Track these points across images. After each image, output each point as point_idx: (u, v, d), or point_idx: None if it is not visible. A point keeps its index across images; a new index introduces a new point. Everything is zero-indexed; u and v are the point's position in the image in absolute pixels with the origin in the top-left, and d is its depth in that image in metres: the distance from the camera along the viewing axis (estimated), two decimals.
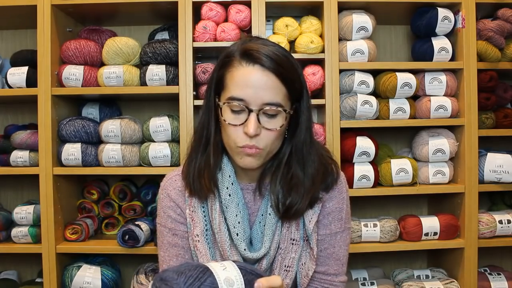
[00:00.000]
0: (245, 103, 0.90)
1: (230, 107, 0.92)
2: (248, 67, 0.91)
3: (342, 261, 1.04)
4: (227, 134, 0.94)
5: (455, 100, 1.87)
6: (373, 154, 1.83)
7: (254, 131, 0.89)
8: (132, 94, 1.84)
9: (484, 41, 1.85)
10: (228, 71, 0.94)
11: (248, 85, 0.90)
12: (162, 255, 1.04)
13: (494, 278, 1.86)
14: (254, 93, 0.89)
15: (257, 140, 0.92)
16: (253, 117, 0.90)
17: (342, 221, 1.04)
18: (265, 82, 0.90)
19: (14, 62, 1.88)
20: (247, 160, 0.93)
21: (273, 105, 0.90)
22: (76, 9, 1.85)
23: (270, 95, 0.90)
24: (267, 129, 0.92)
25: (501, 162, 1.83)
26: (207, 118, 0.99)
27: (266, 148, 0.93)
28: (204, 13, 1.81)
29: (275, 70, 0.90)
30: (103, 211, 1.97)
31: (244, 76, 0.91)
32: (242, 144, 0.92)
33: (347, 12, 1.84)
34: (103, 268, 1.79)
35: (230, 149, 0.96)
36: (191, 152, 1.02)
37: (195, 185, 0.99)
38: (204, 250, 0.99)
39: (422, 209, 2.17)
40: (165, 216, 1.03)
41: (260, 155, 0.94)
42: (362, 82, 1.82)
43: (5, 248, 1.83)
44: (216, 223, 0.98)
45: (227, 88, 0.93)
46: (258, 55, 0.90)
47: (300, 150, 0.98)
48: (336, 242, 1.03)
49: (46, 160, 1.76)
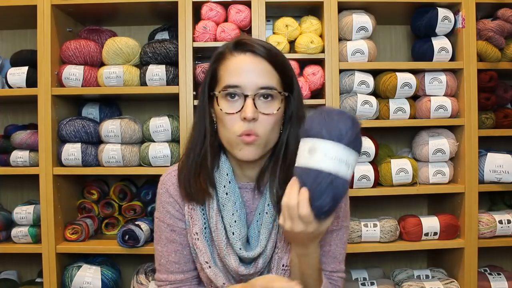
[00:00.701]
0: (240, 89, 0.92)
1: (225, 96, 0.93)
2: (240, 55, 0.94)
3: (339, 259, 1.04)
4: (224, 125, 0.94)
5: (455, 100, 1.87)
6: (373, 154, 1.83)
7: (252, 113, 0.90)
8: (132, 94, 1.84)
9: (484, 41, 1.85)
10: (221, 64, 0.96)
11: (242, 72, 0.92)
12: (160, 249, 1.04)
13: (494, 278, 1.86)
14: (248, 78, 0.92)
15: (255, 125, 0.92)
16: (250, 101, 0.91)
17: (338, 219, 1.03)
18: (258, 67, 0.93)
19: (14, 62, 1.88)
20: (246, 150, 0.93)
21: (268, 88, 0.92)
22: (76, 9, 1.85)
23: (264, 79, 0.92)
24: (264, 114, 0.92)
25: (501, 162, 1.83)
26: (202, 117, 0.99)
27: (264, 136, 0.93)
28: (204, 13, 1.81)
29: (267, 56, 0.94)
30: (103, 211, 1.97)
31: (237, 64, 0.94)
32: (240, 132, 0.91)
33: (347, 12, 1.84)
34: (103, 268, 1.79)
35: (229, 142, 0.95)
36: (185, 155, 1.02)
37: (191, 189, 0.98)
38: (204, 248, 0.99)
39: (422, 209, 2.17)
40: (164, 211, 1.03)
41: (259, 144, 0.93)
42: (362, 82, 1.82)
43: (5, 248, 1.83)
44: (213, 222, 0.98)
45: (221, 79, 0.95)
46: (250, 43, 0.94)
47: (295, 143, 0.96)
48: (332, 240, 1.02)
49: (46, 160, 1.76)
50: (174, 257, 1.02)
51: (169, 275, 1.03)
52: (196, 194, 0.98)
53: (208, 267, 0.99)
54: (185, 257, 1.03)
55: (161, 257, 1.04)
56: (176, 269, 1.03)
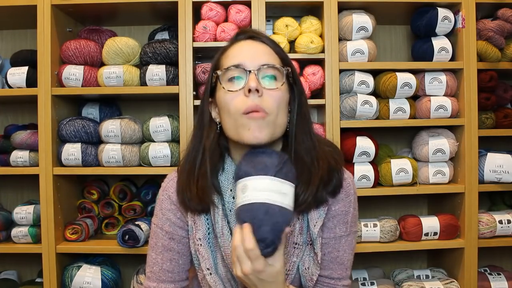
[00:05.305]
0: (242, 66, 0.90)
1: (228, 77, 0.91)
2: (241, 41, 0.96)
3: (346, 265, 1.01)
4: (227, 108, 0.90)
5: (455, 100, 1.87)
6: (373, 154, 1.83)
7: (255, 83, 0.87)
8: (132, 94, 1.84)
9: (484, 41, 1.85)
10: (222, 55, 0.97)
11: (243, 52, 0.93)
12: (154, 257, 1.01)
13: (494, 278, 1.86)
14: (250, 56, 0.92)
15: (261, 101, 0.88)
16: (252, 75, 0.89)
17: (347, 225, 1.00)
18: (260, 48, 0.94)
19: (14, 62, 1.88)
20: (256, 130, 0.87)
21: (270, 66, 0.91)
22: (76, 9, 1.85)
23: (266, 57, 0.92)
24: (269, 90, 0.89)
25: (501, 162, 1.83)
26: (201, 118, 0.98)
27: (272, 114, 0.88)
28: (204, 13, 1.81)
29: (267, 41, 0.96)
30: (103, 211, 1.97)
31: (238, 47, 0.95)
32: (245, 108, 0.87)
33: (347, 12, 1.84)
34: (103, 268, 1.79)
35: (235, 126, 0.90)
36: (182, 168, 0.99)
37: (192, 204, 0.95)
38: (207, 254, 0.98)
39: (422, 209, 2.17)
40: (164, 218, 1.01)
41: (268, 122, 0.88)
42: (362, 82, 1.82)
43: (5, 248, 1.83)
44: (219, 227, 0.95)
45: (223, 65, 0.94)
46: (250, 30, 0.99)
47: (298, 132, 0.95)
48: (340, 246, 1.00)
49: (46, 160, 1.76)
50: (168, 266, 1.00)
51: (159, 283, 1.00)
52: (198, 206, 0.95)
53: (209, 273, 0.97)
54: (180, 266, 1.01)
55: (154, 264, 1.01)
56: (168, 278, 1.00)
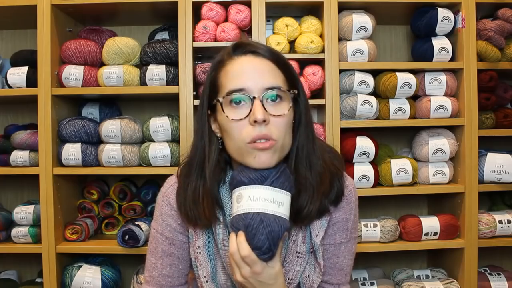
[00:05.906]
0: (246, 92, 0.84)
1: (230, 102, 0.85)
2: (241, 57, 0.89)
3: (346, 271, 1.00)
4: (231, 135, 0.86)
5: (455, 100, 1.87)
6: (373, 154, 1.83)
7: (262, 115, 0.82)
8: (132, 94, 1.84)
9: (484, 41, 1.85)
10: (221, 70, 0.90)
11: (245, 73, 0.86)
12: (154, 262, 1.00)
13: (494, 278, 1.86)
14: (252, 79, 0.85)
15: (269, 129, 0.83)
16: (258, 102, 0.83)
17: (347, 231, 0.99)
18: (262, 67, 0.87)
19: (14, 62, 1.88)
20: (262, 156, 0.84)
21: (275, 88, 0.85)
22: (76, 9, 1.85)
23: (269, 79, 0.86)
24: (275, 116, 0.84)
25: (501, 162, 1.83)
26: (200, 137, 0.93)
27: (280, 140, 0.85)
28: (204, 13, 1.81)
29: (269, 55, 0.88)
30: (103, 211, 1.97)
31: (239, 66, 0.87)
32: (251, 138, 0.83)
33: (347, 12, 1.84)
34: (103, 268, 1.79)
35: (239, 152, 0.87)
36: (185, 176, 0.95)
37: (195, 219, 0.93)
38: (205, 262, 0.97)
39: (422, 209, 2.17)
40: (164, 224, 0.99)
41: (275, 148, 0.85)
42: (362, 82, 1.82)
43: (5, 248, 1.83)
44: (220, 238, 0.94)
45: (223, 86, 0.88)
46: (249, 44, 0.90)
47: (304, 148, 0.91)
48: (340, 252, 0.99)
49: (46, 160, 1.76)
50: (168, 271, 0.99)
51: None
52: (203, 222, 0.93)
53: (206, 281, 0.97)
54: (179, 271, 1.00)
55: (154, 269, 1.00)
56: (167, 283, 1.00)
